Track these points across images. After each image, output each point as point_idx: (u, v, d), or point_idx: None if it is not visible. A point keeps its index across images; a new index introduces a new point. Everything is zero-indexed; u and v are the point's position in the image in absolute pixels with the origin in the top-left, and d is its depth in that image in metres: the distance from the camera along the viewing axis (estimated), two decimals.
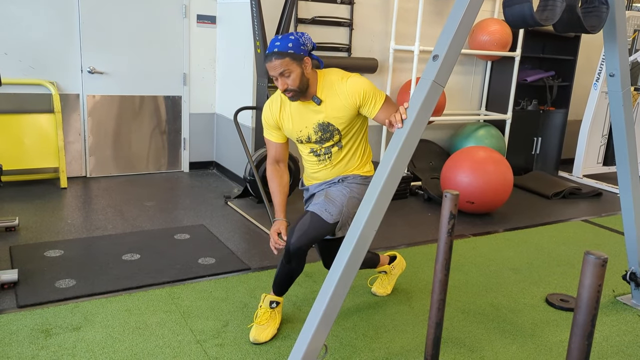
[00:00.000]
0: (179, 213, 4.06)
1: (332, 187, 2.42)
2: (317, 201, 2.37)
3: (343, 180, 2.42)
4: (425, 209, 4.56)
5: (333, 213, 2.32)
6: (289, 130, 2.39)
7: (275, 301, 2.48)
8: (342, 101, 2.25)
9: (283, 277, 2.43)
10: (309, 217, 2.32)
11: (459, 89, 5.67)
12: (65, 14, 4.43)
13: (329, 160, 2.40)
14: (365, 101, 2.25)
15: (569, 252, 3.72)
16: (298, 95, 2.23)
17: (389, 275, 2.93)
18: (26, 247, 3.24)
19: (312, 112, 2.30)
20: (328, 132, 2.32)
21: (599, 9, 2.41)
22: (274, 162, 2.49)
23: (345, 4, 4.77)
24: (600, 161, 6.09)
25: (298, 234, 2.28)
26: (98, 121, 4.75)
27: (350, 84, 2.24)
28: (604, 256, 1.34)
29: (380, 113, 2.26)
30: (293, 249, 2.29)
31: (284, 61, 2.15)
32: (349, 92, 2.23)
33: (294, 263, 2.35)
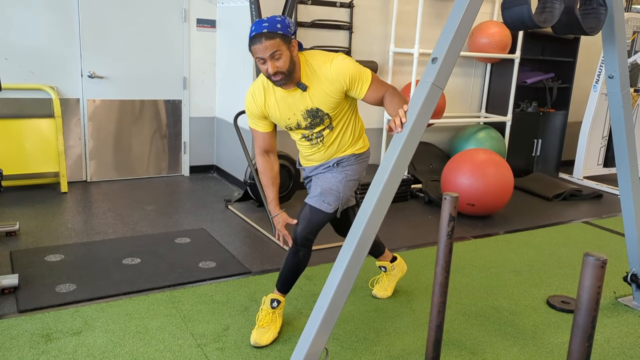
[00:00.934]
0: (179, 217, 4.06)
1: (327, 173, 2.40)
2: (314, 193, 2.38)
3: (338, 164, 2.40)
4: (426, 211, 4.56)
5: (331, 202, 2.36)
6: (276, 119, 2.32)
7: (277, 299, 2.48)
8: (328, 87, 2.19)
9: (289, 271, 2.44)
10: (308, 210, 2.36)
11: (458, 91, 5.67)
12: (65, 18, 4.44)
13: (321, 143, 2.36)
14: (352, 84, 2.19)
15: (569, 254, 3.71)
16: (286, 79, 2.14)
17: (388, 276, 2.93)
18: (27, 252, 3.24)
19: (299, 99, 2.23)
20: (318, 118, 2.27)
21: (597, 10, 2.41)
22: (263, 152, 2.42)
23: (344, 7, 4.78)
24: (601, 163, 6.09)
25: (303, 224, 2.36)
26: (98, 125, 4.76)
27: (334, 68, 2.17)
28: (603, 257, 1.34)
29: (368, 94, 2.21)
30: (300, 238, 2.36)
31: (274, 42, 2.06)
32: (334, 77, 2.17)
33: (301, 253, 2.40)
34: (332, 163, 2.41)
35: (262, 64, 2.11)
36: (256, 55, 2.10)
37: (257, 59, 2.12)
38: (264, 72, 2.14)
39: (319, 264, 3.29)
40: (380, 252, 2.86)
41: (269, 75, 2.12)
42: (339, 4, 4.73)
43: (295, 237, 2.38)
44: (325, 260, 3.34)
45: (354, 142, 2.41)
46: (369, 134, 5.20)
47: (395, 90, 2.23)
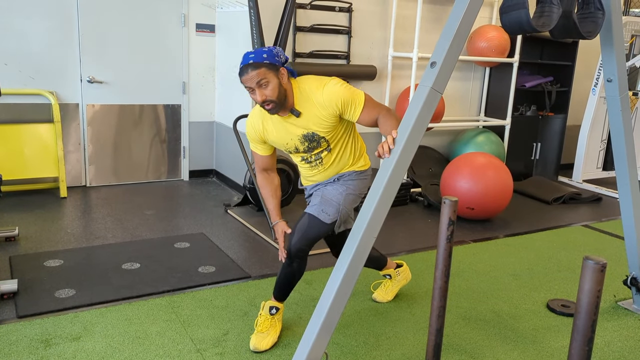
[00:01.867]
0: (178, 221, 4.05)
1: (328, 186, 2.42)
2: (314, 202, 2.39)
3: (339, 179, 2.42)
4: (425, 215, 4.56)
5: (330, 213, 2.34)
6: (275, 143, 2.38)
7: (275, 307, 2.47)
8: (321, 112, 2.22)
9: (284, 280, 2.44)
10: (307, 218, 2.35)
11: (457, 95, 5.68)
12: (64, 24, 4.45)
13: (321, 165, 2.39)
14: (345, 108, 2.22)
15: (569, 258, 3.71)
16: (277, 107, 2.18)
17: (392, 282, 2.93)
18: (26, 257, 3.24)
19: (294, 125, 2.27)
20: (315, 142, 2.30)
21: (594, 14, 2.42)
22: (262, 170, 2.49)
23: (343, 12, 4.79)
24: (600, 166, 6.09)
25: (298, 236, 2.34)
26: (98, 130, 4.76)
27: (326, 94, 2.20)
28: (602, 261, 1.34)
29: (362, 116, 2.23)
30: (294, 249, 2.34)
31: (260, 71, 2.11)
32: (327, 103, 2.20)
33: (295, 264, 2.38)
34: (333, 179, 2.43)
35: (252, 93, 2.16)
36: (245, 86, 2.17)
37: (247, 89, 2.17)
38: (255, 101, 2.18)
39: (319, 268, 3.29)
40: (382, 265, 2.86)
41: (261, 103, 2.17)
42: (338, 9, 4.74)
43: (290, 247, 2.34)
44: (325, 264, 3.34)
45: (355, 161, 2.43)
46: (368, 138, 5.21)
47: (390, 112, 2.24)
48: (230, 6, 4.76)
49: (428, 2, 5.16)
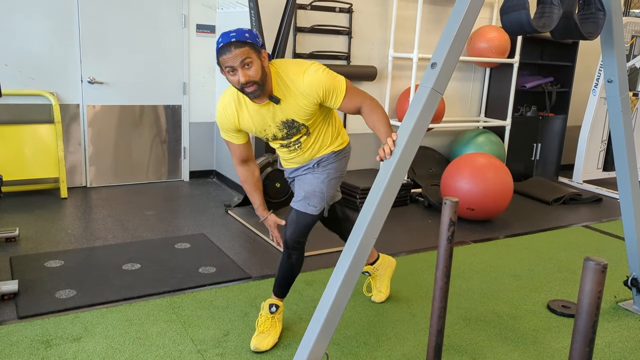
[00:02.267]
0: (179, 222, 4.05)
1: (309, 175, 2.38)
2: (298, 196, 2.38)
3: (318, 164, 2.38)
4: (426, 215, 4.56)
5: (316, 204, 2.36)
6: (250, 130, 2.27)
7: (274, 304, 2.48)
8: (301, 100, 2.14)
9: (284, 274, 2.45)
10: (295, 214, 2.37)
11: (458, 95, 5.68)
12: (65, 25, 4.45)
13: (299, 149, 2.34)
14: (326, 96, 2.15)
15: (570, 258, 3.71)
16: (260, 90, 2.06)
17: (376, 278, 2.91)
18: (26, 258, 3.24)
19: (273, 112, 2.18)
20: (294, 128, 2.24)
21: (595, 15, 2.42)
22: (241, 162, 2.39)
23: (344, 13, 4.79)
24: (600, 166, 6.09)
25: (292, 228, 2.37)
26: (98, 131, 4.76)
27: (307, 82, 2.11)
28: (603, 262, 1.34)
29: (344, 104, 2.18)
30: (291, 241, 2.38)
31: (244, 49, 1.98)
32: (308, 91, 2.12)
33: (294, 256, 2.41)
34: (313, 164, 2.39)
35: (232, 74, 2.03)
36: (225, 65, 2.01)
37: (226, 70, 2.03)
38: (234, 83, 2.05)
39: (319, 268, 3.29)
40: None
41: (241, 86, 2.04)
42: (338, 10, 4.75)
43: (286, 240, 2.39)
44: (325, 265, 3.34)
45: (333, 140, 2.38)
46: (368, 138, 5.22)
47: (374, 103, 2.18)
48: (230, 7, 4.76)
49: (428, 3, 5.16)
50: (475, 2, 1.98)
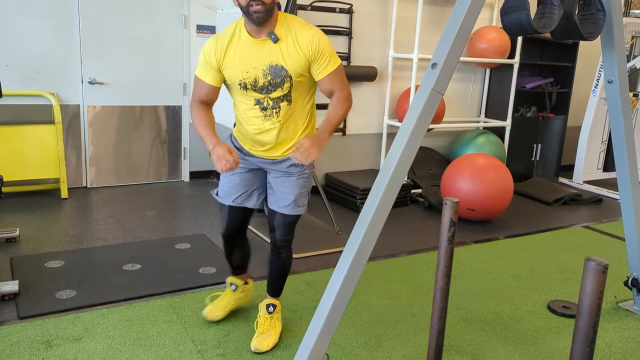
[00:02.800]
0: (179, 222, 4.05)
1: (292, 178, 2.29)
2: (286, 202, 2.30)
3: (290, 174, 2.28)
4: (426, 216, 4.56)
5: (304, 204, 2.37)
6: (232, 70, 2.14)
7: (271, 304, 2.49)
8: (297, 49, 2.09)
9: (277, 273, 2.48)
10: (283, 217, 2.33)
11: (458, 96, 5.69)
12: (66, 25, 4.45)
13: (276, 116, 2.17)
14: (319, 58, 2.10)
15: (570, 259, 3.71)
16: (264, 15, 1.99)
17: (231, 295, 2.67)
18: (27, 258, 3.24)
19: (265, 52, 2.09)
20: (279, 77, 2.11)
21: (595, 15, 2.42)
22: (201, 102, 2.23)
23: (344, 13, 4.79)
24: (601, 167, 6.10)
25: (281, 230, 2.36)
26: (98, 131, 4.77)
27: (311, 33, 2.08)
28: (604, 262, 1.34)
29: (326, 80, 2.13)
30: (281, 242, 2.39)
31: None
32: (308, 42, 2.08)
33: (284, 254, 2.43)
34: (287, 165, 2.27)
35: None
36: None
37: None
38: (243, 1, 1.99)
39: (320, 269, 3.29)
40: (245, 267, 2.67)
41: (248, 3, 1.97)
42: (339, 10, 4.75)
43: (275, 241, 2.39)
44: (326, 265, 3.34)
45: (304, 129, 2.29)
46: (368, 139, 5.22)
47: (348, 97, 2.17)
48: (230, 7, 4.77)
49: (428, 4, 5.16)
50: (476, 3, 1.98)
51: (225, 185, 2.39)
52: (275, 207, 2.35)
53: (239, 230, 2.50)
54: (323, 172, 5.02)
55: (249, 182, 2.38)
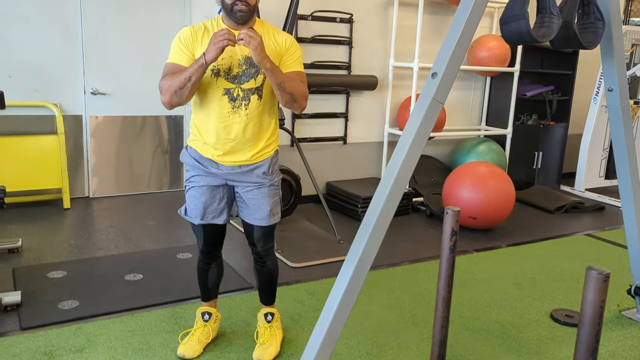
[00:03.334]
0: (181, 232, 4.06)
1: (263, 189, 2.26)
2: (261, 215, 2.28)
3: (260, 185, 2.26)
4: (428, 225, 4.55)
5: (279, 211, 2.36)
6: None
7: (269, 312, 2.49)
8: (275, 43, 2.18)
9: (266, 281, 2.46)
10: (262, 229, 2.33)
11: (458, 104, 5.70)
12: (68, 36, 4.48)
13: (245, 108, 2.14)
14: (290, 54, 2.20)
15: (572, 267, 3.70)
16: (247, 15, 2.09)
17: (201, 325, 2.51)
18: (29, 269, 3.24)
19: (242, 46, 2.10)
20: (254, 68, 2.13)
21: (595, 24, 2.44)
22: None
23: (344, 23, 4.82)
24: (602, 175, 6.09)
25: (262, 242, 2.36)
26: (101, 142, 4.78)
27: (287, 36, 2.23)
28: (606, 271, 1.34)
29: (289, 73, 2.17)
30: (264, 252, 2.39)
31: None
32: (284, 39, 2.20)
33: (269, 262, 2.42)
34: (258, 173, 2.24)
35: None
36: None
37: None
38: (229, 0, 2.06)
39: (321, 278, 3.28)
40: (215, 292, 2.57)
41: (234, 2, 2.05)
42: (339, 20, 4.78)
43: (258, 252, 2.39)
44: (327, 274, 3.34)
45: (273, 131, 2.28)
46: (369, 147, 5.23)
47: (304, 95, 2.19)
48: None
49: (428, 13, 5.19)
50: (476, 12, 1.99)
51: (191, 204, 2.32)
52: (251, 220, 2.32)
53: (216, 243, 2.45)
54: (324, 180, 5.03)
55: (214, 198, 2.30)
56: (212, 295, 2.56)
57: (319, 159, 4.94)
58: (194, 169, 2.28)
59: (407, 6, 5.09)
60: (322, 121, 4.95)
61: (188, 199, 2.34)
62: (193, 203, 2.32)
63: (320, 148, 4.98)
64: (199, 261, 2.49)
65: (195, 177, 2.28)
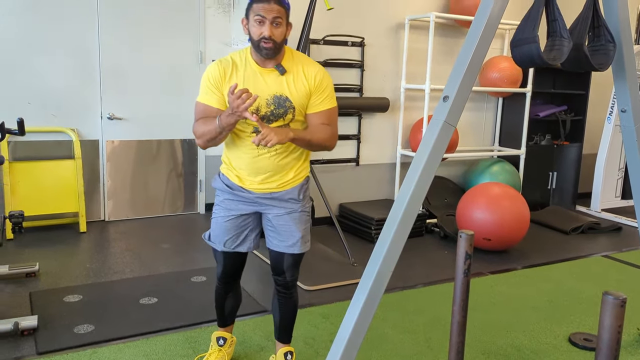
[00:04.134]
0: (195, 255, 4.08)
1: (294, 214, 2.22)
2: (292, 241, 2.24)
3: (292, 210, 2.23)
4: (442, 246, 4.52)
5: (309, 238, 2.31)
6: None
7: (289, 352, 2.43)
8: (304, 80, 2.12)
9: (292, 315, 2.39)
10: (292, 258, 2.27)
11: (471, 125, 5.70)
12: (87, 63, 4.59)
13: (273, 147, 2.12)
14: (320, 92, 2.13)
15: (590, 289, 3.64)
16: (274, 52, 2.04)
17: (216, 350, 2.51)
18: (46, 293, 3.27)
19: (271, 81, 2.10)
20: (282, 108, 2.10)
21: (606, 47, 2.44)
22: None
23: (356, 46, 4.88)
24: (619, 195, 6.03)
25: (291, 272, 2.30)
26: (116, 165, 4.85)
27: (319, 69, 2.15)
28: (622, 296, 1.33)
29: (319, 115, 2.14)
30: (292, 282, 2.33)
31: (281, 9, 2.01)
32: (314, 75, 2.12)
33: (295, 292, 2.37)
34: (289, 198, 2.21)
35: (259, 25, 2.01)
36: (257, 13, 2.00)
37: (255, 18, 2.01)
38: (256, 35, 2.02)
39: (335, 301, 3.27)
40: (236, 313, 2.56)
41: (260, 39, 2.01)
42: (351, 43, 4.84)
43: (285, 283, 2.32)
44: (342, 298, 3.32)
45: (302, 162, 2.25)
46: (382, 169, 5.24)
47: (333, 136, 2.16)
48: (245, 43, 4.88)
49: (439, 35, 5.23)
50: (486, 35, 2.01)
51: (216, 230, 2.29)
52: (281, 248, 2.26)
53: (236, 273, 2.41)
54: (337, 202, 5.03)
55: (240, 226, 2.27)
56: (228, 322, 2.54)
57: (331, 181, 4.95)
58: (224, 194, 2.28)
59: (418, 29, 5.14)
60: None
61: (214, 224, 2.32)
62: (218, 229, 2.29)
63: (333, 170, 5.00)
64: (216, 288, 2.46)
65: (225, 202, 2.27)
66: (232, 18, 5.14)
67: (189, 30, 4.95)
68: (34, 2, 4.34)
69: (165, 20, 4.84)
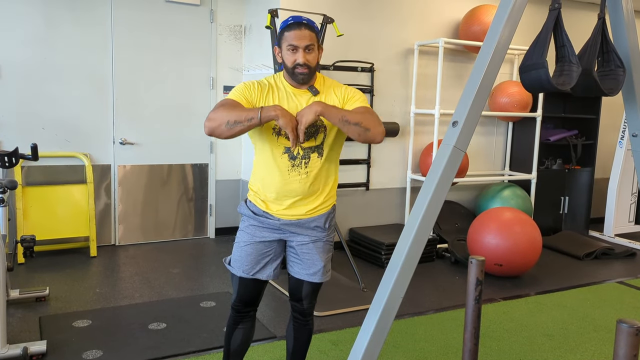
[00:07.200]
0: (204, 280, 4.07)
1: (319, 243, 2.22)
2: (314, 269, 2.22)
3: (317, 239, 2.22)
4: (453, 272, 4.47)
5: (330, 268, 2.29)
6: None
7: None
8: (334, 97, 2.16)
9: (305, 345, 2.37)
10: (312, 286, 2.25)
11: (481, 149, 5.70)
12: (100, 90, 4.67)
13: (305, 168, 2.13)
14: (351, 98, 2.14)
15: (605, 316, 3.57)
16: (309, 77, 2.08)
17: None
18: (55, 317, 3.27)
19: (304, 102, 2.13)
20: (314, 127, 2.11)
21: (615, 72, 2.44)
22: None
23: (365, 72, 4.92)
24: (632, 220, 5.95)
25: (309, 299, 2.28)
26: (127, 190, 4.89)
27: (345, 87, 2.19)
28: (637, 325, 1.30)
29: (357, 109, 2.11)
30: (310, 311, 2.31)
31: (313, 35, 2.06)
32: (342, 90, 2.18)
33: (310, 320, 2.34)
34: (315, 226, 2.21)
35: (293, 52, 2.05)
36: (290, 42, 2.04)
37: (288, 47, 2.05)
38: (289, 62, 2.06)
39: (345, 327, 3.23)
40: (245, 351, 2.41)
41: (295, 65, 2.06)
42: (360, 69, 4.88)
43: (303, 311, 2.29)
44: (351, 324, 3.29)
45: (331, 189, 2.24)
46: (391, 193, 5.23)
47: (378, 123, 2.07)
48: (256, 69, 4.95)
49: (448, 60, 5.27)
50: (495, 60, 2.02)
51: (237, 255, 2.24)
52: (303, 276, 2.24)
53: (252, 302, 2.29)
54: (347, 227, 5.02)
55: (262, 253, 2.22)
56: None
57: (341, 205, 4.95)
58: (249, 219, 2.24)
59: (427, 54, 5.18)
60: (344, 167, 4.99)
61: (235, 249, 2.27)
62: (239, 254, 2.23)
63: (343, 194, 5.00)
64: (229, 318, 2.36)
65: (249, 227, 2.23)
66: (244, 45, 5.23)
67: (201, 56, 5.04)
68: (50, 32, 4.44)
69: (177, 47, 4.93)
